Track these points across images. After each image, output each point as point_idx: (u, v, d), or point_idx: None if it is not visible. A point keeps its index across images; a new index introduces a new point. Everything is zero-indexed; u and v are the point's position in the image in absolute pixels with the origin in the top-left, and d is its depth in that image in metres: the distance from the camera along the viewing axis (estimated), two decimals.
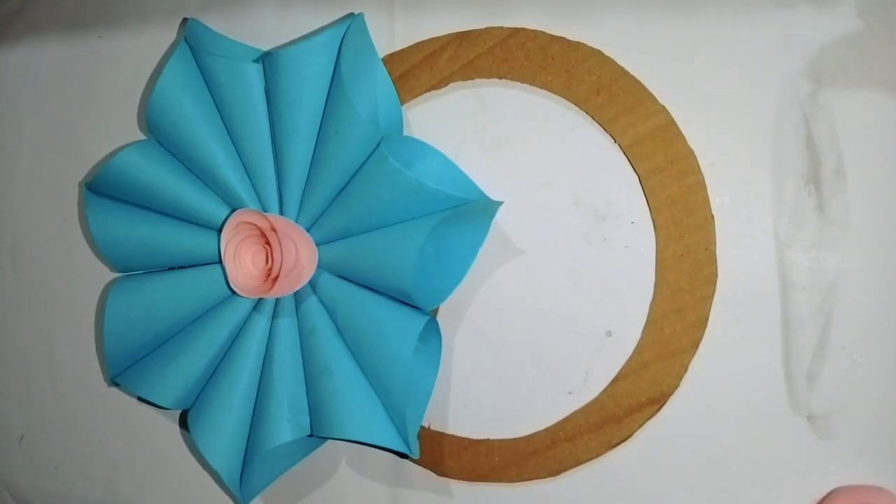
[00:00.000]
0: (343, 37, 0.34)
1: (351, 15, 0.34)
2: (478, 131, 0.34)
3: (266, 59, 0.34)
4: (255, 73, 0.35)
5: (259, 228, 0.34)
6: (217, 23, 0.39)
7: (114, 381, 0.39)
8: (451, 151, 0.34)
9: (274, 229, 0.33)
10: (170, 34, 0.41)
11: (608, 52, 0.32)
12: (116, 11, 0.42)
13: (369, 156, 0.32)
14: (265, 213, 0.34)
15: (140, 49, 0.42)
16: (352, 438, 0.32)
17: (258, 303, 0.36)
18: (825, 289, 0.29)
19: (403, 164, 0.31)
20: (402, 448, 0.32)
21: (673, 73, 0.31)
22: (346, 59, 0.33)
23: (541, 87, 0.33)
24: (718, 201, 0.31)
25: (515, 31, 0.34)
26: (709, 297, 0.30)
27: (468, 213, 0.32)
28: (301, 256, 0.34)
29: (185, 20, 0.39)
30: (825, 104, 0.29)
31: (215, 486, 0.40)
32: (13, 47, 0.45)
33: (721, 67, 0.31)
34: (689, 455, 0.31)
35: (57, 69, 0.44)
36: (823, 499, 0.29)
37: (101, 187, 0.38)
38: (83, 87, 0.43)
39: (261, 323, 0.35)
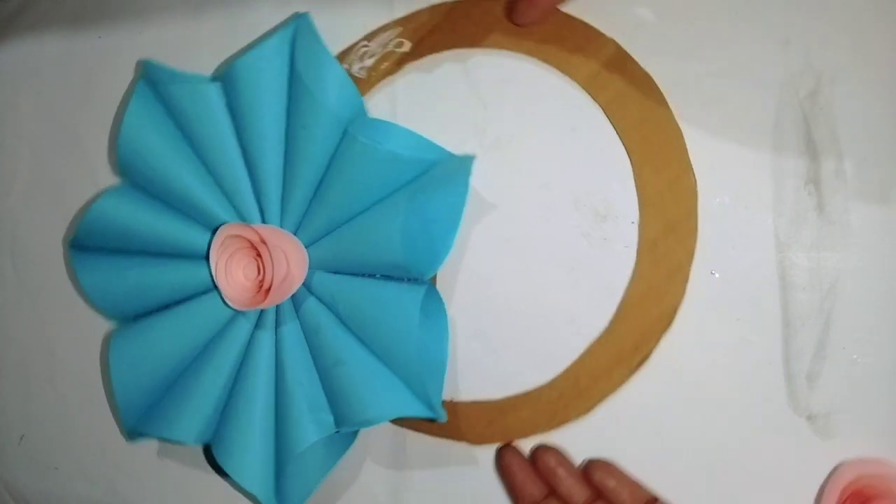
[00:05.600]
0: (293, 37, 0.34)
1: (296, 15, 0.35)
2: (478, 131, 0.34)
3: (223, 74, 0.35)
4: (214, 92, 0.35)
5: (247, 241, 0.34)
6: (216, 19, 0.39)
7: (132, 435, 0.38)
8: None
9: (263, 240, 0.33)
10: (170, 33, 0.41)
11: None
12: (116, 11, 0.42)
13: (339, 144, 0.33)
14: (251, 225, 0.34)
15: (140, 48, 0.41)
16: (377, 419, 0.32)
17: (259, 318, 0.36)
18: (825, 289, 0.29)
19: (372, 143, 0.31)
20: (429, 414, 0.31)
21: (672, 73, 0.31)
22: (301, 57, 0.34)
23: (491, 48, 0.34)
24: (718, 201, 0.31)
25: (457, 4, 0.34)
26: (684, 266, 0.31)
27: (444, 176, 0.32)
28: (291, 262, 0.34)
29: (139, 62, 0.39)
30: (825, 104, 0.29)
31: (214, 486, 0.40)
32: (13, 47, 0.45)
33: (721, 67, 0.31)
34: (689, 455, 0.31)
35: (57, 69, 0.44)
36: (830, 474, 0.29)
37: (84, 241, 0.39)
38: (83, 88, 0.43)
39: (264, 337, 0.35)
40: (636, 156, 0.31)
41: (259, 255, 0.34)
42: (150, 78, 0.37)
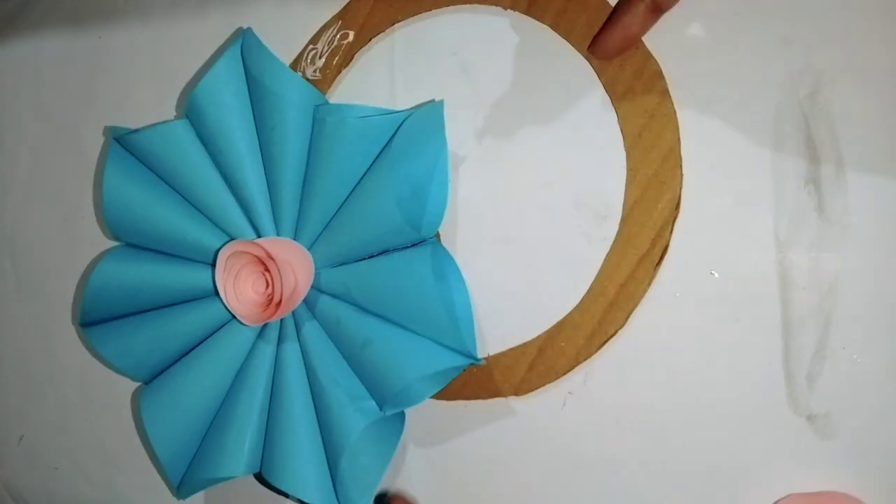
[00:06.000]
0: (242, 53, 0.35)
1: (239, 30, 0.36)
2: (478, 132, 0.34)
3: (186, 106, 0.36)
4: (180, 128, 0.36)
5: (253, 256, 0.34)
6: (216, 18, 0.39)
7: (183, 492, 0.38)
8: (451, 152, 0.34)
9: (270, 255, 0.33)
10: (169, 33, 0.41)
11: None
12: (116, 11, 0.42)
13: (311, 135, 0.34)
14: (256, 241, 0.34)
15: (140, 48, 0.42)
16: (415, 384, 0.32)
17: (280, 332, 0.36)
18: (825, 289, 0.29)
19: (341, 117, 0.33)
20: (464, 361, 0.31)
21: (672, 74, 0.31)
22: (255, 67, 0.35)
23: (434, 8, 0.35)
24: (718, 201, 0.31)
25: None
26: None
27: (419, 132, 0.32)
28: (297, 270, 0.34)
29: (106, 128, 0.41)
30: (825, 104, 0.29)
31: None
32: (13, 47, 0.45)
33: (721, 67, 0.31)
34: (689, 455, 0.31)
35: (57, 69, 0.44)
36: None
37: (91, 315, 0.39)
38: (83, 87, 0.43)
39: (288, 347, 0.35)
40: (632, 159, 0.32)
41: (267, 269, 0.34)
42: (117, 137, 0.38)
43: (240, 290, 0.35)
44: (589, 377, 0.32)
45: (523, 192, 0.33)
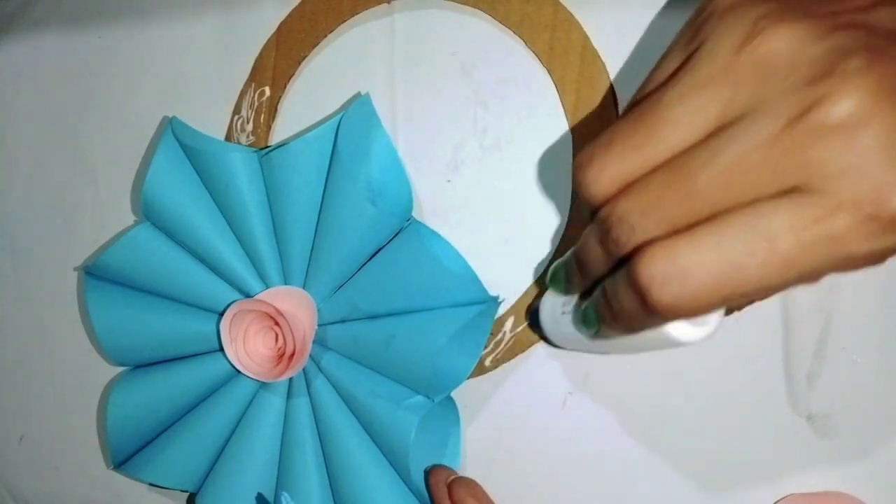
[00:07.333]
0: (175, 137, 0.36)
1: (166, 118, 0.36)
2: (478, 131, 0.34)
3: (142, 205, 0.37)
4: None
5: (259, 312, 0.34)
6: (217, 19, 0.39)
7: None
8: (450, 151, 0.34)
9: (280, 312, 0.33)
10: (169, 33, 0.41)
11: (603, 51, 0.32)
12: (116, 11, 0.42)
13: (264, 180, 0.35)
14: (258, 297, 0.34)
15: (140, 48, 0.42)
16: (451, 359, 0.32)
17: (291, 385, 0.36)
18: (825, 289, 0.29)
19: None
20: (480, 306, 0.32)
21: None
22: (189, 141, 0.36)
23: (328, 33, 0.36)
24: None
25: (279, 29, 0.37)
26: None
27: (356, 133, 0.33)
28: (303, 318, 0.34)
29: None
30: None
31: None
32: (13, 47, 0.45)
33: None
34: (689, 455, 0.31)
35: (57, 69, 0.44)
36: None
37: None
38: (83, 87, 0.43)
39: (319, 383, 0.35)
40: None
41: (276, 322, 0.34)
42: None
43: (250, 348, 0.35)
44: (589, 377, 0.32)
45: (525, 193, 0.34)
